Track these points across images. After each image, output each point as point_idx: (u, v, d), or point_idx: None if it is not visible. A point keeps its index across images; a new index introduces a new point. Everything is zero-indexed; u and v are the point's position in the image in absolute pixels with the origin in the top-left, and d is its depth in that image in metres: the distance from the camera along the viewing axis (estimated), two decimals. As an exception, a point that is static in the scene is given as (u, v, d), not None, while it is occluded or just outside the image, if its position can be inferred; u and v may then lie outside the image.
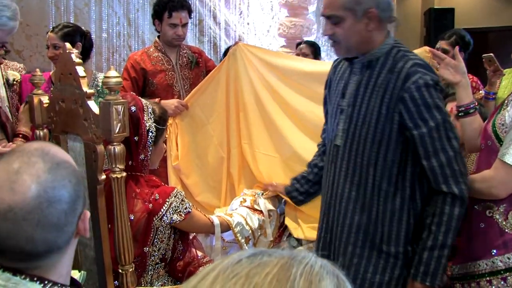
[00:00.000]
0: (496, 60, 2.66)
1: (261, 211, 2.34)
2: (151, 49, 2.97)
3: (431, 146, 1.54)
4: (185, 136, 2.82)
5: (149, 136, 1.81)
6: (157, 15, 2.90)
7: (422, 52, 2.33)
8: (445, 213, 1.55)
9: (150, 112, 1.82)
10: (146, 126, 1.79)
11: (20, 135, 2.23)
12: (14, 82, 2.42)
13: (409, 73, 1.54)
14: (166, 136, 2.65)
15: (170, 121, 2.71)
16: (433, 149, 1.54)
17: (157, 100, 2.66)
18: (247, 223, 2.17)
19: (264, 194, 2.51)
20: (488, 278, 1.66)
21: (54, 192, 0.89)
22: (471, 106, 1.85)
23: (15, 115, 2.34)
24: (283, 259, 0.60)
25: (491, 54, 2.66)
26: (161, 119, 1.87)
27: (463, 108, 1.84)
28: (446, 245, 1.55)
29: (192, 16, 3.25)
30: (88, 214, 0.99)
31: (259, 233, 2.26)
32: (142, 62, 2.88)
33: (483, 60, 2.70)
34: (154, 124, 1.83)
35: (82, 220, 0.96)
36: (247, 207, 2.32)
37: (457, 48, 1.99)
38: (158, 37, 3.00)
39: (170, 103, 2.73)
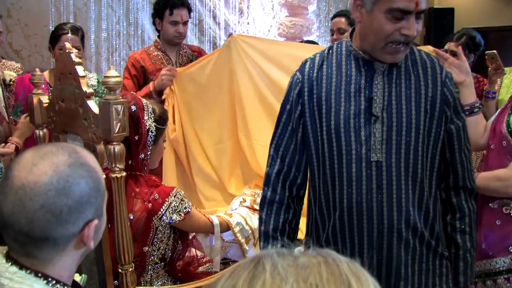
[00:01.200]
0: (499, 58, 2.61)
1: (261, 211, 2.34)
2: (151, 48, 2.98)
3: (463, 139, 1.47)
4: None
5: (149, 136, 1.81)
6: (158, 13, 2.91)
7: (426, 51, 2.31)
8: (472, 209, 1.50)
9: (150, 112, 1.82)
10: (146, 125, 1.79)
11: (12, 143, 2.19)
12: (11, 83, 2.42)
13: (441, 67, 1.46)
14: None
15: (166, 91, 2.65)
16: (464, 143, 1.47)
17: (150, 85, 2.65)
18: (247, 223, 2.17)
19: (264, 194, 2.50)
20: (506, 276, 1.65)
21: (65, 185, 0.92)
22: (476, 105, 1.86)
23: (11, 115, 2.32)
24: (317, 258, 0.60)
25: (494, 51, 2.57)
26: (161, 119, 1.87)
27: (468, 107, 1.85)
28: (476, 238, 1.51)
29: (192, 16, 3.25)
30: (95, 222, 0.98)
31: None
32: (142, 61, 2.89)
33: (486, 57, 2.63)
34: (154, 123, 1.83)
35: (88, 226, 0.97)
36: (246, 207, 2.31)
37: (460, 48, 2.00)
38: (158, 36, 3.00)
39: (159, 77, 2.65)
